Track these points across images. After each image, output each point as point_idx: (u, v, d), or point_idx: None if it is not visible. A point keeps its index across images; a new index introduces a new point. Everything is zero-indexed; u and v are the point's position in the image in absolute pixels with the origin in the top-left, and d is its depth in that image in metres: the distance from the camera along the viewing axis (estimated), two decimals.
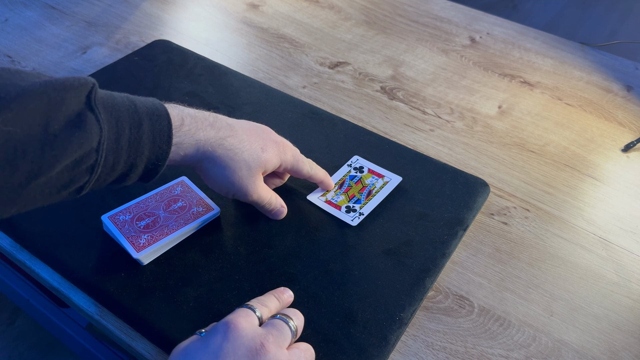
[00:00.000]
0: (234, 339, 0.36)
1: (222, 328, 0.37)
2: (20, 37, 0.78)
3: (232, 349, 0.36)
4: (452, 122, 0.68)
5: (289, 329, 0.39)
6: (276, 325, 0.39)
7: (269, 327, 0.39)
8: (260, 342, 0.36)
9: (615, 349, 0.46)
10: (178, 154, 0.43)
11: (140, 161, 0.40)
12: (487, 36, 0.84)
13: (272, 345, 0.37)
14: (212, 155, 0.45)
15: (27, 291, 0.89)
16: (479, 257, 0.53)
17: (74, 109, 0.35)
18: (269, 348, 0.36)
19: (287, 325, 0.39)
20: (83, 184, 0.38)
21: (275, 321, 0.39)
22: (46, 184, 0.35)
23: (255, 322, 0.39)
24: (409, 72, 0.76)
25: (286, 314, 0.41)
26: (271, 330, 0.38)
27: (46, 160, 0.34)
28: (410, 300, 0.47)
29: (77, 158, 0.36)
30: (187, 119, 0.43)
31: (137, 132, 0.39)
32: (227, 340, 0.36)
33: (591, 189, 0.60)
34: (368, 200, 0.54)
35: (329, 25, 0.84)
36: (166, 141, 0.41)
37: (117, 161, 0.39)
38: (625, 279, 0.52)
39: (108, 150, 0.38)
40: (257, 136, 0.48)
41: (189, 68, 0.71)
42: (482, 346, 0.46)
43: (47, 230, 0.50)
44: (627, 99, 0.73)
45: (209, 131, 0.44)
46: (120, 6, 0.86)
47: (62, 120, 0.35)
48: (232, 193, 0.48)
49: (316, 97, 0.70)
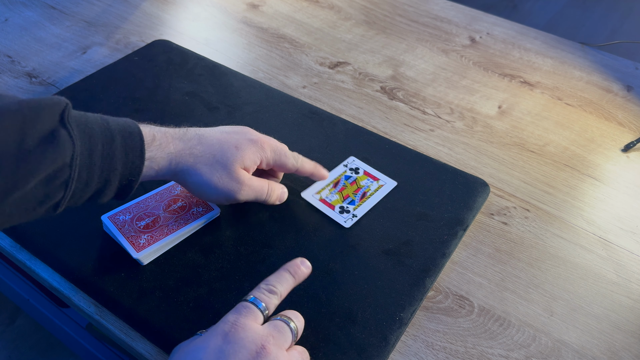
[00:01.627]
0: (235, 341, 0.36)
1: (223, 329, 0.37)
2: (20, 37, 0.78)
3: (233, 351, 0.36)
4: (452, 122, 0.68)
5: (290, 330, 0.39)
6: (278, 326, 0.39)
7: (271, 327, 0.39)
8: (262, 343, 0.37)
9: (615, 349, 0.46)
10: (152, 168, 0.44)
11: (114, 177, 0.41)
12: (487, 36, 0.84)
13: (273, 347, 0.37)
14: (185, 166, 0.46)
15: (27, 291, 0.89)
16: (479, 257, 0.53)
17: (48, 127, 0.37)
18: (270, 350, 0.37)
19: (288, 327, 0.39)
20: (59, 200, 0.39)
21: (277, 322, 0.40)
22: (22, 199, 0.36)
23: (260, 319, 0.39)
24: (409, 72, 0.76)
25: (288, 316, 0.41)
26: (272, 332, 0.38)
27: (21, 174, 0.35)
28: (410, 300, 0.47)
29: (51, 173, 0.37)
30: (158, 134, 0.45)
31: (109, 148, 0.40)
32: (227, 343, 0.36)
33: (591, 189, 0.60)
34: (362, 202, 0.54)
35: (329, 25, 0.84)
36: (139, 156, 0.42)
37: (91, 177, 0.40)
38: (625, 279, 0.52)
39: (81, 165, 0.39)
40: (230, 137, 0.49)
41: (189, 68, 0.71)
42: (482, 346, 0.46)
43: (47, 230, 0.50)
44: (627, 99, 0.73)
45: (178, 144, 0.46)
46: (120, 6, 0.86)
47: (36, 137, 0.36)
48: (222, 197, 0.48)
49: (316, 97, 0.70)
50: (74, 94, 0.65)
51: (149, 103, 0.65)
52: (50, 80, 0.70)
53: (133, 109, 0.64)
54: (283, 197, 0.52)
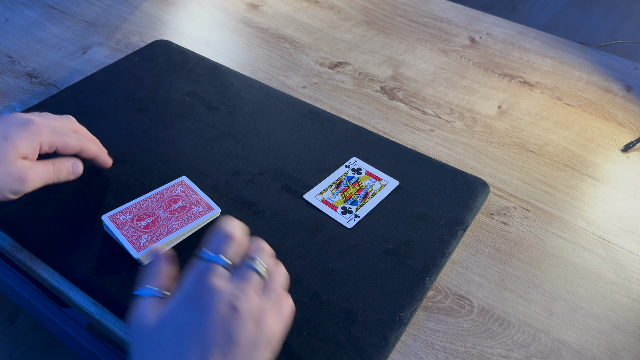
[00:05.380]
0: (208, 309, 0.35)
1: (192, 296, 0.36)
2: (21, 37, 0.78)
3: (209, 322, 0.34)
4: (452, 122, 0.68)
5: (258, 274, 0.38)
6: (244, 276, 0.37)
7: (238, 279, 0.37)
8: (232, 305, 0.35)
9: (615, 349, 0.46)
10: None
11: None
12: (487, 36, 0.84)
13: (244, 303, 0.35)
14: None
15: (27, 291, 0.89)
16: (479, 257, 0.53)
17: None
18: (242, 308, 0.35)
19: (254, 272, 0.37)
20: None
21: (242, 272, 0.37)
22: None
23: (224, 275, 0.37)
24: (409, 72, 0.76)
25: (250, 256, 0.38)
26: (240, 286, 0.36)
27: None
28: (410, 300, 0.47)
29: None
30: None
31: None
32: (199, 313, 0.35)
33: (591, 189, 0.60)
34: (364, 203, 0.54)
35: (329, 25, 0.84)
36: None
37: None
38: (625, 278, 0.52)
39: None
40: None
41: (189, 68, 0.71)
42: (482, 346, 0.46)
43: (47, 230, 0.50)
44: (627, 99, 0.73)
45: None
46: (120, 6, 0.86)
47: None
48: (9, 194, 0.46)
49: (316, 97, 0.70)
50: (74, 94, 0.65)
51: (149, 103, 0.65)
52: (51, 81, 0.70)
53: (133, 109, 0.64)
54: (76, 169, 0.50)
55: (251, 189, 0.55)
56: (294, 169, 0.58)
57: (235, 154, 0.59)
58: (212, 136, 0.61)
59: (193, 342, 0.34)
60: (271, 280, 0.39)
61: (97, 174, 0.56)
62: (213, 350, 0.34)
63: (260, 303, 0.36)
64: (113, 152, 0.58)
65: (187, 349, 0.34)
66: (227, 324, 0.34)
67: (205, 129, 0.62)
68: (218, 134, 0.61)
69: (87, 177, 0.55)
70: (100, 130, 0.57)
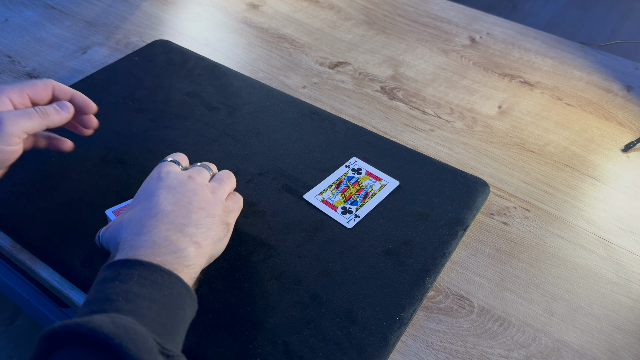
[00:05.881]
0: (165, 177, 0.45)
1: (155, 178, 0.45)
2: (21, 37, 0.78)
3: (167, 184, 0.44)
4: (452, 122, 0.68)
5: (207, 170, 0.48)
6: (195, 168, 0.48)
7: (190, 170, 0.47)
8: (188, 175, 0.45)
9: (615, 349, 0.46)
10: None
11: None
12: (487, 36, 0.84)
13: (197, 175, 0.46)
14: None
15: (27, 291, 0.89)
16: (479, 257, 0.53)
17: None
18: (195, 177, 0.45)
19: (205, 168, 0.48)
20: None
21: (193, 167, 0.48)
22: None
23: (178, 168, 0.47)
24: (409, 72, 0.76)
25: (202, 163, 0.49)
26: (192, 170, 0.47)
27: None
28: (410, 300, 0.47)
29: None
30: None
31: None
32: (163, 180, 0.44)
33: (591, 189, 0.60)
34: (364, 203, 0.54)
35: (329, 25, 0.84)
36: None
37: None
38: (625, 279, 0.52)
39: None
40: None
41: (189, 68, 0.71)
42: (482, 346, 0.46)
43: (47, 230, 0.50)
44: (627, 99, 0.73)
45: None
46: (120, 6, 0.86)
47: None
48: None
49: (316, 97, 0.70)
50: None
51: (149, 103, 0.65)
52: None
53: (133, 109, 0.64)
54: (66, 108, 0.50)
55: (251, 189, 0.55)
56: (294, 169, 0.58)
57: (235, 154, 0.59)
58: (212, 136, 0.61)
59: (162, 188, 0.43)
60: (217, 174, 0.49)
61: (97, 174, 0.55)
62: (180, 199, 0.43)
63: (212, 184, 0.47)
64: (113, 152, 0.58)
65: (157, 194, 0.43)
66: (188, 184, 0.44)
67: (205, 129, 0.62)
68: (218, 134, 0.61)
69: (87, 177, 0.55)
70: (100, 130, 0.57)
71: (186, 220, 0.41)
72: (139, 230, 0.41)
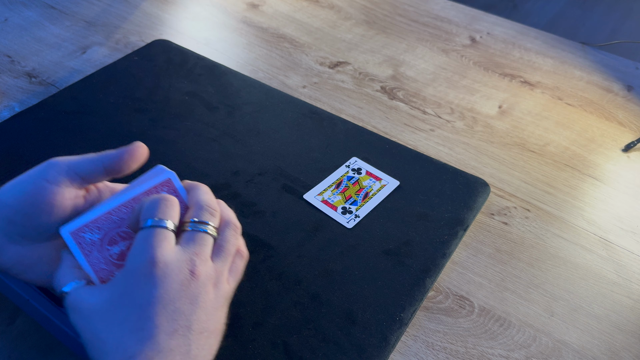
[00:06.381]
0: (162, 279, 0.32)
1: (140, 271, 0.32)
2: (20, 37, 0.78)
3: (169, 292, 0.32)
4: (452, 122, 0.68)
5: (210, 237, 0.36)
6: (195, 240, 0.35)
7: (189, 244, 0.34)
8: (188, 270, 0.33)
9: (616, 349, 0.46)
10: None
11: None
12: (487, 36, 0.84)
13: (200, 267, 0.34)
14: None
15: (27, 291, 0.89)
16: (479, 257, 0.52)
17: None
18: (199, 272, 0.33)
19: (206, 235, 0.35)
20: None
21: (192, 235, 0.35)
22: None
23: (172, 241, 0.34)
24: (409, 72, 0.76)
25: (200, 221, 0.36)
26: (193, 249, 0.34)
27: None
28: (410, 300, 0.47)
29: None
30: None
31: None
32: (155, 286, 0.32)
33: (591, 189, 0.60)
34: (365, 203, 0.54)
35: (329, 25, 0.84)
36: None
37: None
38: (625, 279, 0.51)
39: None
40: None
41: (189, 68, 0.70)
42: (483, 346, 0.46)
43: None
44: (628, 98, 0.73)
45: None
46: (120, 6, 0.86)
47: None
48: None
49: (316, 97, 0.70)
50: (74, 94, 0.65)
51: (149, 103, 0.65)
52: (50, 80, 0.70)
53: (133, 109, 0.64)
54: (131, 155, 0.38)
55: (251, 189, 0.55)
56: (294, 169, 0.58)
57: (235, 153, 0.59)
58: (211, 136, 0.61)
59: (156, 313, 0.32)
60: (221, 238, 0.37)
61: None
62: (178, 318, 0.32)
63: (215, 266, 0.35)
64: None
65: (151, 322, 0.31)
66: (189, 290, 0.33)
67: (205, 129, 0.62)
68: (218, 134, 0.61)
69: None
70: (100, 130, 0.57)
71: (185, 358, 0.32)
72: (125, 355, 0.31)
